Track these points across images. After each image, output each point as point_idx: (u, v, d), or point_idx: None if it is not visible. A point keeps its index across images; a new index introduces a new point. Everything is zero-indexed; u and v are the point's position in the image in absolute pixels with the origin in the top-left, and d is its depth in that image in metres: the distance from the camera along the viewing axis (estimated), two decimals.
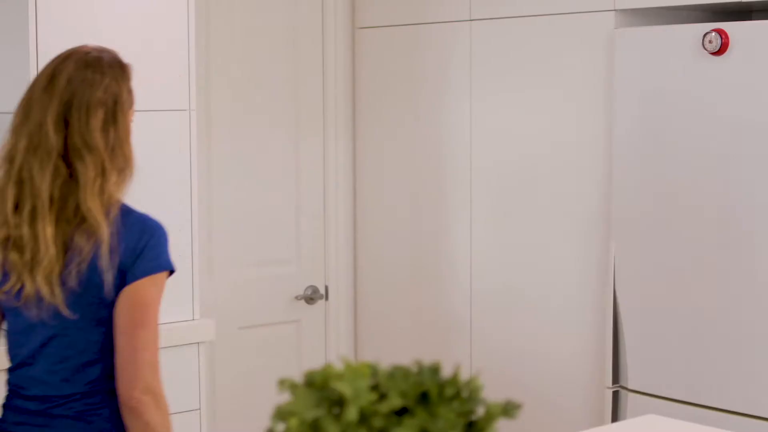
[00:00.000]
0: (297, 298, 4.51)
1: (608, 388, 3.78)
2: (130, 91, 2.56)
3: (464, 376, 1.32)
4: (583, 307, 3.88)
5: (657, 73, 3.59)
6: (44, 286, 2.41)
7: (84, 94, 2.46)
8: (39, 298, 2.43)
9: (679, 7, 3.67)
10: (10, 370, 2.59)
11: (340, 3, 4.55)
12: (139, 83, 3.41)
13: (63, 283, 2.42)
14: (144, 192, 3.46)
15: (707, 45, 3.43)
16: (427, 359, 1.37)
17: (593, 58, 3.81)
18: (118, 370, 2.47)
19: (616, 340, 3.76)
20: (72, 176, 2.43)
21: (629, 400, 3.72)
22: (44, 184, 2.41)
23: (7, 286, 2.45)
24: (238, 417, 4.36)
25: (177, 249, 3.50)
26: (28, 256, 2.41)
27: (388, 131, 4.49)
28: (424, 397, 1.32)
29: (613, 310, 3.74)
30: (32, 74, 3.26)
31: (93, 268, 2.42)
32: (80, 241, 2.41)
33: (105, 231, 2.40)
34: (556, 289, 3.97)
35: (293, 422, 1.29)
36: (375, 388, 1.32)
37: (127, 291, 2.44)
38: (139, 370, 2.45)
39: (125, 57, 3.37)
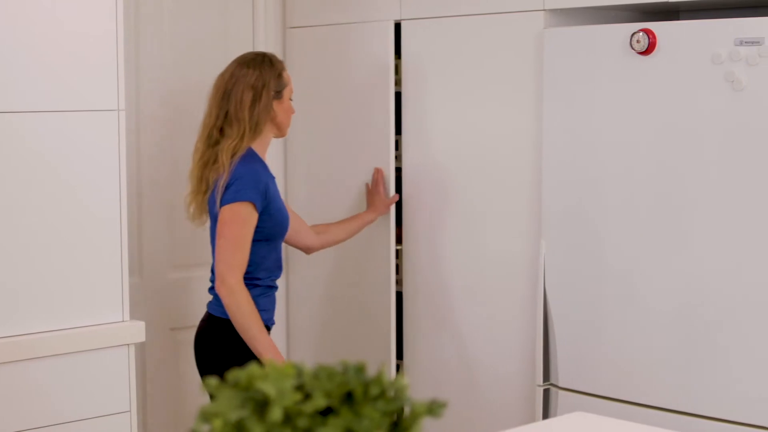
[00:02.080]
0: None
1: (539, 386, 3.80)
2: (278, 77, 3.59)
3: (390, 375, 1.32)
4: (513, 306, 3.90)
5: (585, 73, 3.62)
6: (191, 208, 3.62)
7: (239, 83, 3.54)
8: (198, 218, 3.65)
9: (607, 7, 3.69)
10: None
11: (271, 2, 4.53)
12: (68, 83, 3.38)
13: (206, 205, 3.58)
14: (73, 192, 3.43)
15: (635, 45, 3.46)
16: (357, 358, 1.36)
17: (523, 58, 3.83)
18: None
19: (546, 338, 3.78)
20: (222, 135, 3.54)
21: (560, 398, 3.74)
22: (201, 143, 3.59)
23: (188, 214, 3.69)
24: (169, 419, 4.33)
25: (105, 249, 3.48)
26: (190, 189, 3.62)
27: (318, 130, 4.48)
28: (349, 397, 1.31)
29: (543, 308, 3.76)
30: None
31: (213, 195, 3.51)
32: (209, 175, 3.54)
33: (225, 170, 3.47)
34: (487, 287, 3.98)
35: (217, 423, 1.28)
36: (299, 388, 1.31)
37: (219, 212, 3.48)
38: (218, 266, 3.46)
39: (50, 55, 3.34)
